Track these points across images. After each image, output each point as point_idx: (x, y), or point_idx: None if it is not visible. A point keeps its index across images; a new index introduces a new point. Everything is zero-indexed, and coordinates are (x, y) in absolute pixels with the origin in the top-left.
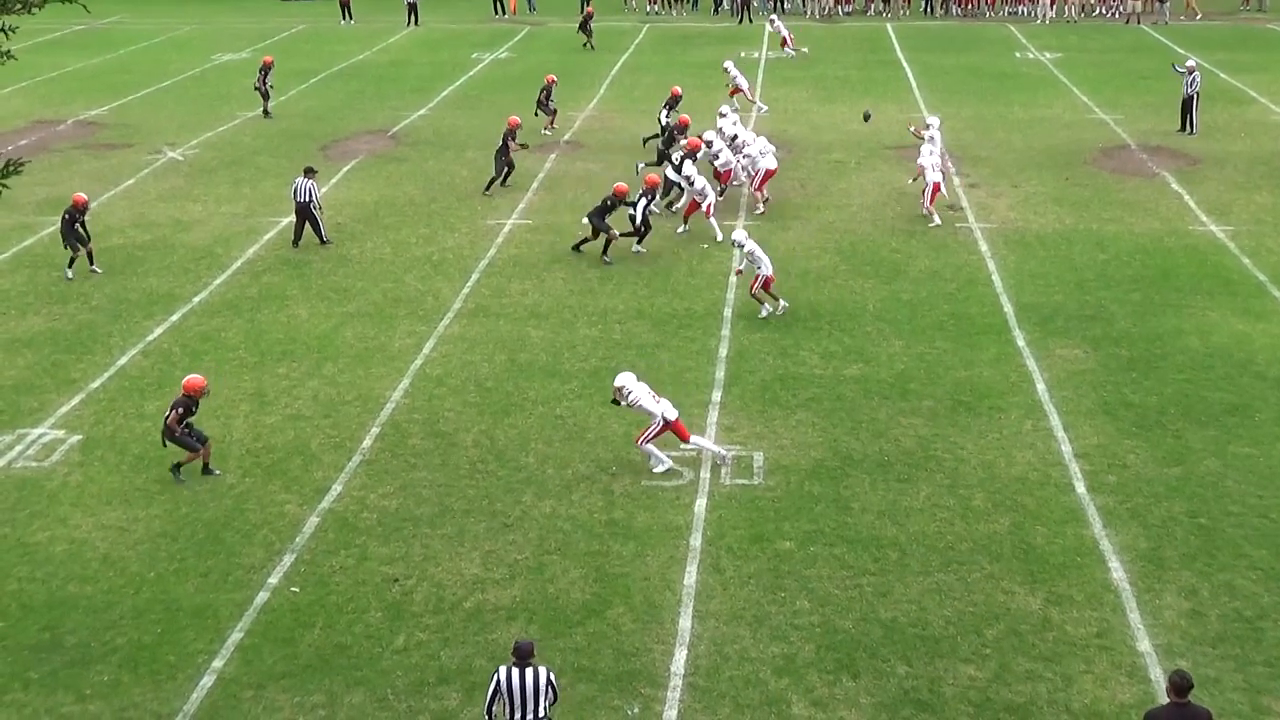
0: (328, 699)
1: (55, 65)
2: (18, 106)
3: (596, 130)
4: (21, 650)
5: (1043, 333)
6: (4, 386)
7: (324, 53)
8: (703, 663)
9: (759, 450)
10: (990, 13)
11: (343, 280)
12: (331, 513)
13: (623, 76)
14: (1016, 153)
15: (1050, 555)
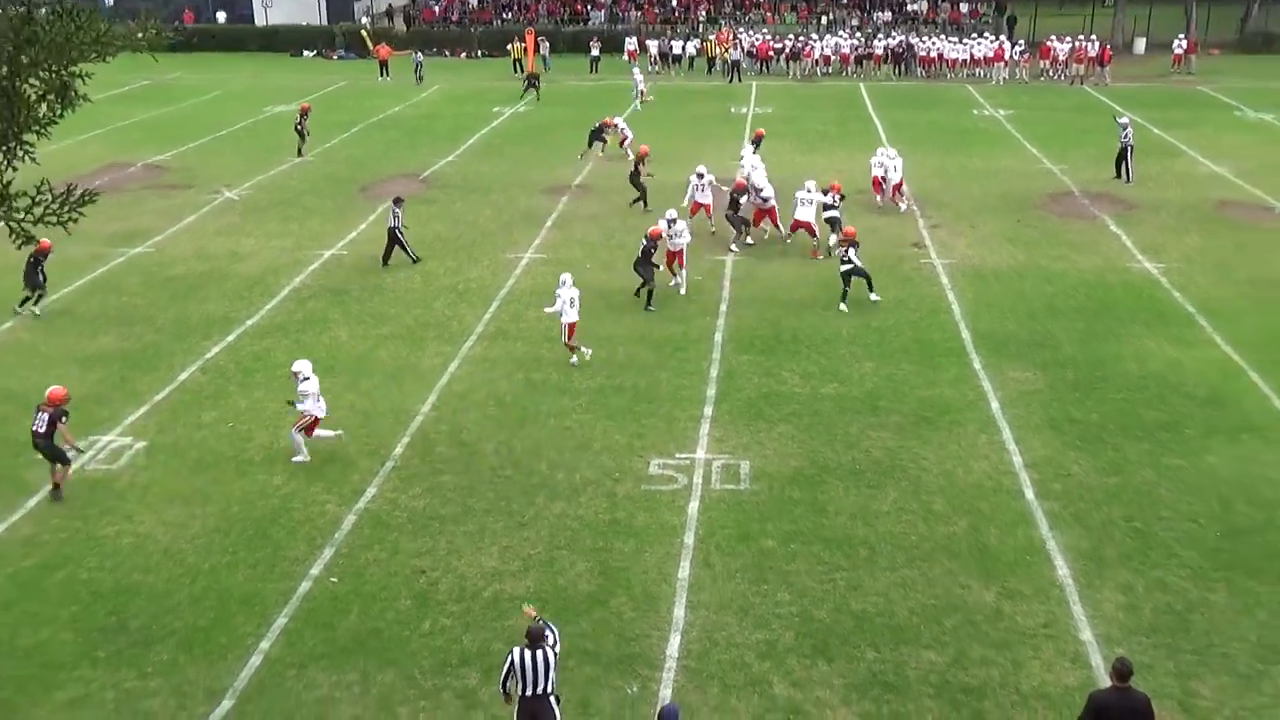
0: (362, 677)
1: (126, 115)
2: (94, 151)
3: (603, 176)
4: (90, 631)
5: (997, 357)
6: (79, 398)
7: (363, 106)
8: (694, 647)
9: (745, 459)
10: (951, 75)
11: (378, 306)
12: (367, 512)
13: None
14: (974, 198)
15: (1002, 554)
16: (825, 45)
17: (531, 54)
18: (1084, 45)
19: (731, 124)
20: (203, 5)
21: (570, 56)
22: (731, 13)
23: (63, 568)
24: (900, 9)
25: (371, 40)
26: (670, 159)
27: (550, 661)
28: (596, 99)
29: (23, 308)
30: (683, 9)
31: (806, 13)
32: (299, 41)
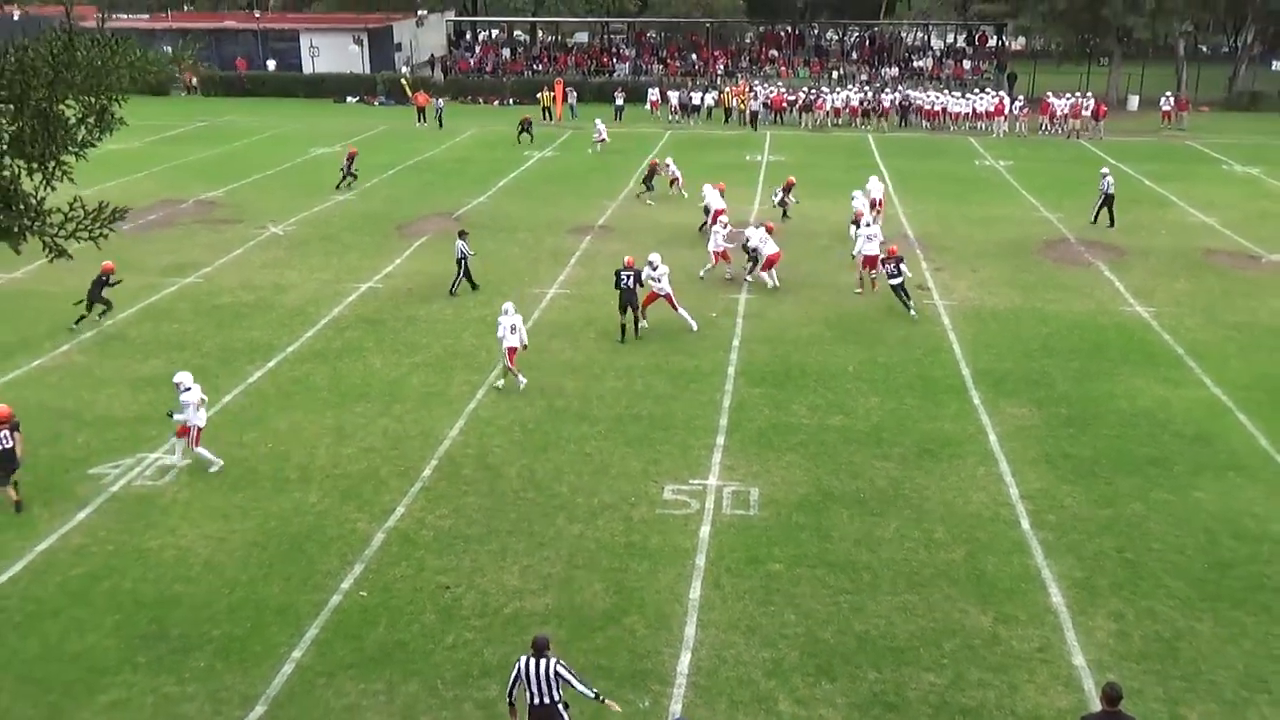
0: (388, 687)
1: (180, 155)
2: (148, 188)
3: (625, 217)
4: (133, 638)
5: (995, 393)
6: (128, 418)
7: (401, 149)
8: (704, 665)
9: (755, 486)
10: (954, 127)
11: (411, 336)
12: (396, 530)
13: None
14: (975, 243)
15: (999, 581)
16: (836, 98)
17: (560, 102)
18: (1080, 101)
19: (747, 170)
20: (254, 54)
21: (596, 105)
22: (748, 67)
23: (109, 577)
24: (907, 65)
25: (410, 88)
26: (689, 203)
27: (555, 671)
28: (620, 145)
29: (79, 325)
30: (702, 62)
31: (819, 67)
32: (343, 89)
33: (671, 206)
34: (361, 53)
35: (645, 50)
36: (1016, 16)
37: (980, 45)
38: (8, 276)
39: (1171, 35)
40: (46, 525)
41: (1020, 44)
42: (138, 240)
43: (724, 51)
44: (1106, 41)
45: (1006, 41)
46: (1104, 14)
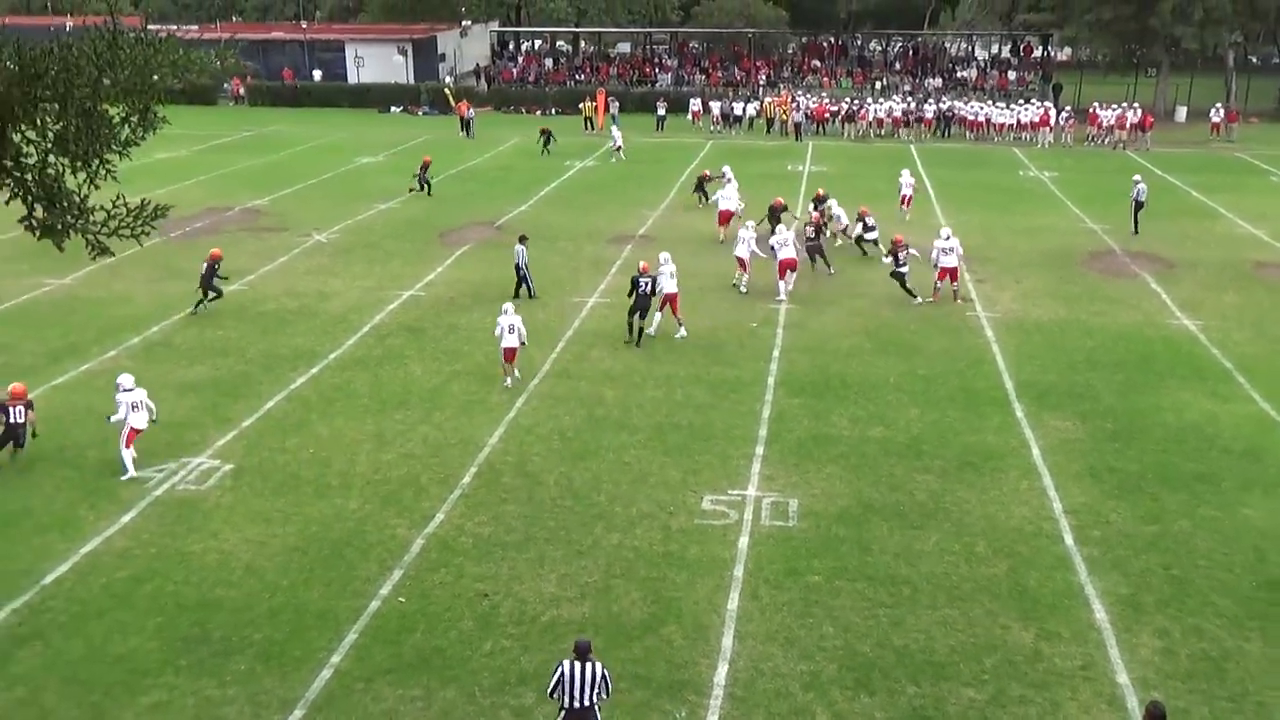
0: (425, 693)
1: (227, 163)
2: (196, 196)
3: (665, 226)
4: (175, 641)
5: (1038, 406)
6: (173, 423)
7: (444, 158)
8: (741, 676)
9: (794, 497)
10: (998, 138)
11: (452, 344)
12: (435, 536)
13: (689, 183)
14: (1019, 254)
15: (1042, 596)
16: (879, 108)
17: (601, 113)
18: (1127, 113)
19: (789, 180)
20: (301, 64)
21: (638, 115)
22: (791, 77)
23: (151, 580)
24: (950, 75)
25: (454, 98)
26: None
27: (597, 676)
28: (662, 155)
29: (198, 309)
30: (744, 73)
31: (862, 78)
32: (387, 99)
33: (709, 216)
34: (406, 63)
35: (687, 61)
36: (1062, 27)
37: (1025, 56)
38: (57, 282)
39: (1221, 45)
40: (91, 528)
41: (1066, 54)
42: (184, 247)
43: (766, 62)
44: (1154, 52)
45: (1052, 52)
46: (1152, 24)
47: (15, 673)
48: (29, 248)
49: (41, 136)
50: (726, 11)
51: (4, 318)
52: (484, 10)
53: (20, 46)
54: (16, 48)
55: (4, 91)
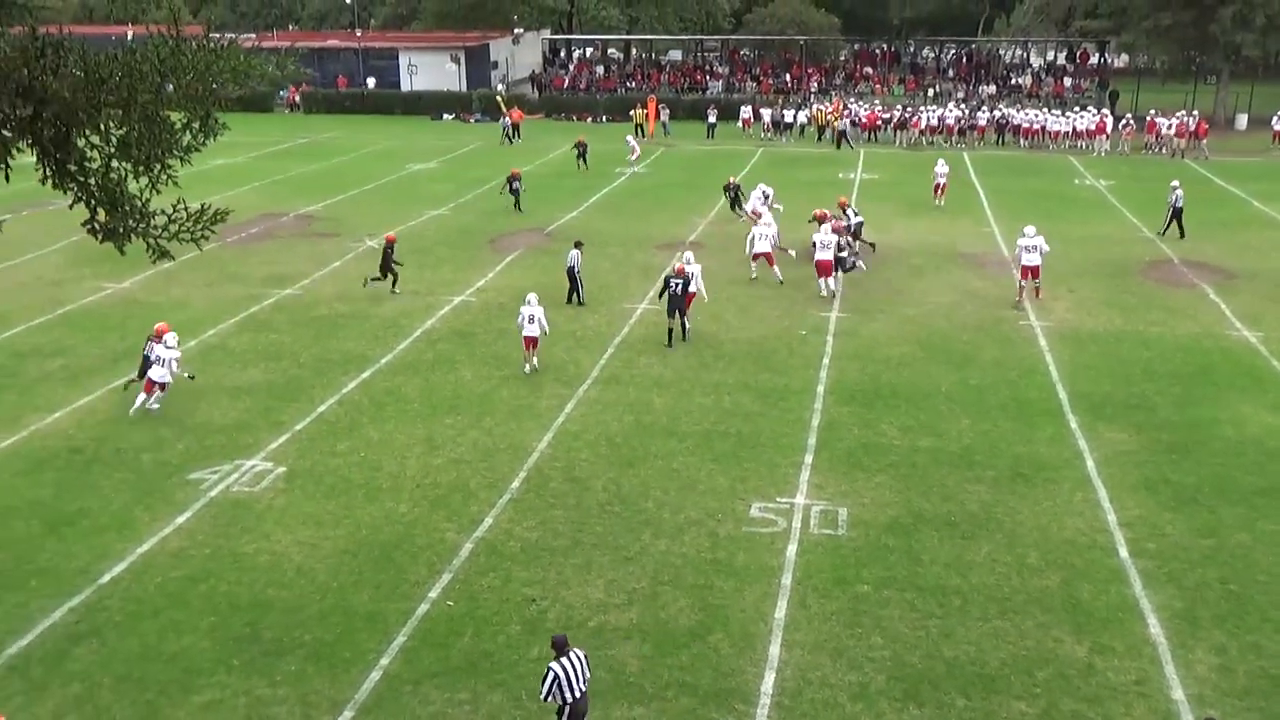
0: (472, 697)
1: (282, 170)
2: (251, 201)
3: (715, 233)
4: (227, 641)
5: (1093, 417)
6: (227, 425)
7: (495, 165)
8: (788, 685)
9: (844, 506)
10: (1053, 146)
11: (501, 350)
12: (483, 540)
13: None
14: (1074, 263)
15: (1095, 610)
16: (931, 115)
17: (652, 120)
18: (1185, 121)
19: (840, 188)
20: (355, 72)
21: (689, 123)
22: (842, 84)
23: (205, 580)
24: (1005, 82)
25: (505, 105)
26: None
27: (583, 661)
28: (712, 163)
29: (369, 285)
30: (795, 80)
31: (914, 85)
32: (439, 106)
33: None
34: (458, 70)
35: (738, 68)
36: (1120, 33)
37: (1082, 62)
38: (116, 286)
39: None
40: (147, 528)
41: (1123, 61)
42: (239, 252)
43: (818, 69)
44: (1214, 59)
45: (1109, 59)
46: (1212, 30)
47: (72, 670)
48: (89, 253)
49: (105, 142)
50: (779, 19)
51: (65, 321)
52: (536, 18)
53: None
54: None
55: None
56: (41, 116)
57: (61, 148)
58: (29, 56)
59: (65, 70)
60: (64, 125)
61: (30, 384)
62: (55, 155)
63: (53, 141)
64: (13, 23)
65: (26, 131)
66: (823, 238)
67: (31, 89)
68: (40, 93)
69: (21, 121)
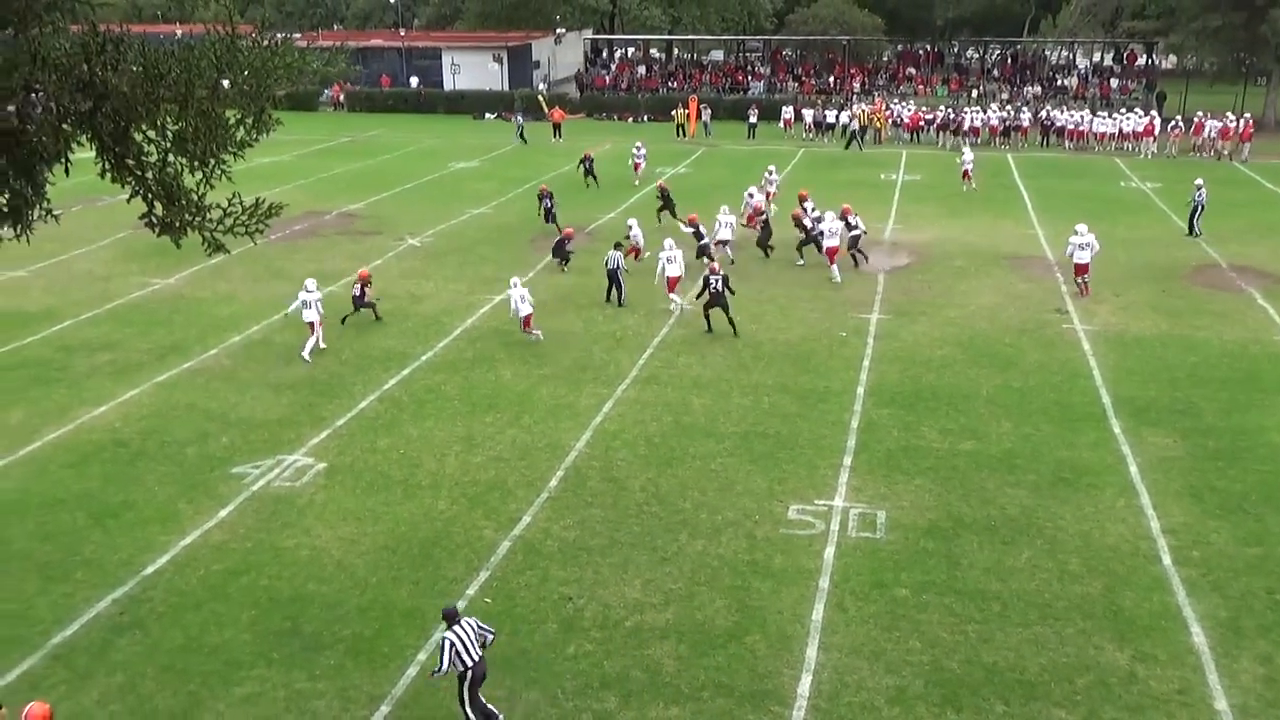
0: (508, 694)
1: (325, 168)
2: (295, 199)
3: (753, 232)
4: (267, 634)
5: (1137, 422)
6: (270, 421)
7: (536, 164)
8: (825, 688)
9: (882, 509)
10: (1099, 147)
11: (541, 348)
12: (521, 539)
13: (780, 191)
14: (1119, 266)
15: (1137, 617)
16: (975, 117)
17: (693, 120)
18: (1234, 123)
19: (880, 189)
20: (398, 71)
21: (730, 123)
22: (885, 85)
23: (247, 574)
24: (1050, 83)
25: (547, 104)
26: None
27: (476, 628)
28: (753, 163)
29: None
30: (838, 80)
31: (958, 85)
32: (482, 105)
33: None
34: (501, 70)
35: (780, 68)
36: (1168, 34)
37: (1129, 64)
38: (163, 282)
39: None
40: (190, 521)
41: (1171, 63)
42: (284, 249)
43: (860, 69)
44: (1264, 60)
45: (1157, 60)
46: (1262, 31)
47: (116, 660)
48: (138, 249)
49: (161, 136)
50: (821, 19)
51: (113, 316)
52: (578, 18)
53: (145, 47)
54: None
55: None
56: (101, 111)
57: (120, 142)
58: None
59: (124, 66)
60: (122, 120)
61: (79, 378)
62: (114, 149)
63: (111, 136)
64: (73, 19)
65: (86, 125)
66: (830, 225)
67: (91, 84)
68: (100, 88)
69: (81, 115)
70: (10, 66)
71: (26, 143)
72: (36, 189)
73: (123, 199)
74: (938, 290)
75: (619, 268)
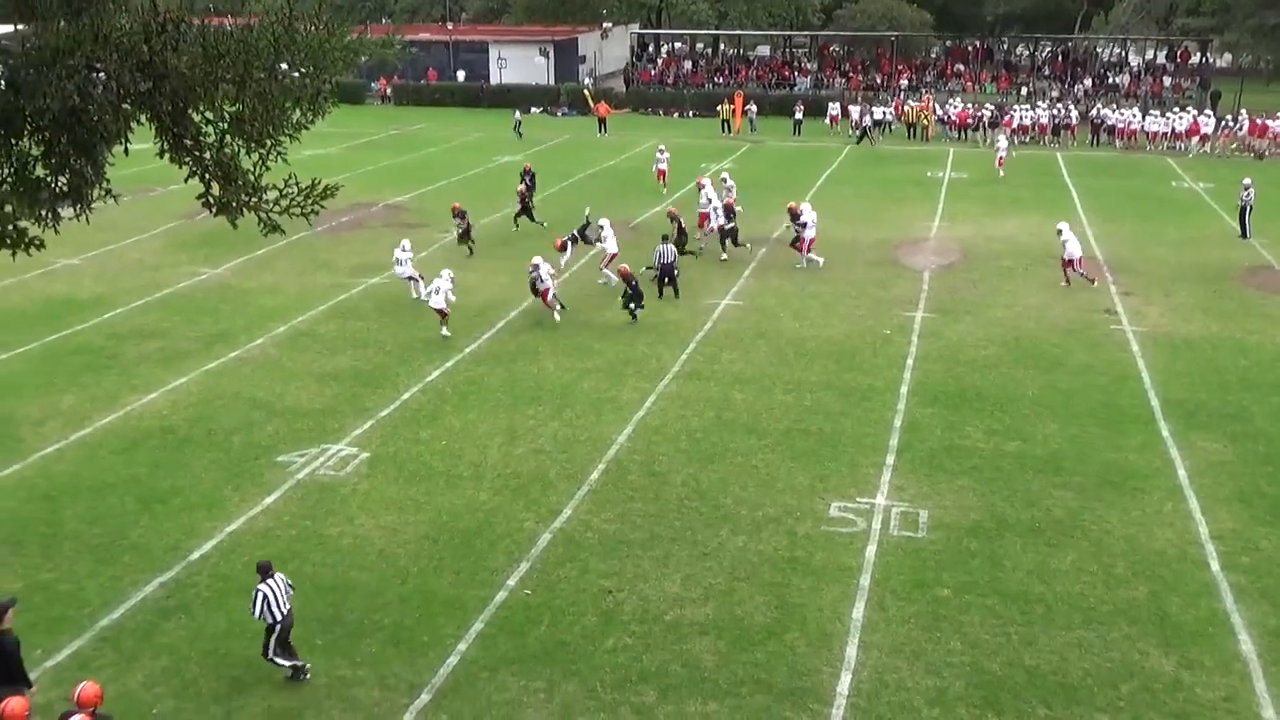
0: (547, 685)
1: (372, 161)
2: (342, 191)
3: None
4: (311, 621)
5: (1186, 426)
6: (314, 410)
7: (582, 158)
8: (864, 687)
9: (925, 508)
10: (1150, 146)
11: (584, 342)
12: (562, 531)
13: (826, 188)
14: (1169, 267)
15: (1184, 623)
16: (1024, 114)
17: (739, 116)
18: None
19: (926, 187)
20: (445, 65)
21: (775, 119)
22: (933, 81)
23: (291, 561)
24: (1102, 81)
25: (593, 99)
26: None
27: (285, 584)
28: (798, 160)
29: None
30: (885, 77)
31: (1007, 82)
32: (528, 99)
33: (844, 222)
34: (547, 64)
35: (827, 64)
36: (1223, 32)
37: (1182, 62)
38: (211, 271)
39: None
40: (237, 508)
41: (1226, 61)
42: (330, 241)
43: (908, 65)
44: None
45: (1211, 58)
46: None
47: (161, 643)
48: (187, 240)
49: (219, 117)
50: (869, 14)
51: (163, 304)
52: (625, 12)
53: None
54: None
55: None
56: (160, 91)
57: (179, 122)
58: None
59: (184, 46)
60: (181, 100)
61: (129, 365)
62: (172, 129)
63: (170, 115)
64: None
65: (145, 105)
66: (810, 217)
67: (151, 64)
68: (159, 68)
69: (141, 95)
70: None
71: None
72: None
73: (174, 190)
74: (983, 289)
75: (672, 262)
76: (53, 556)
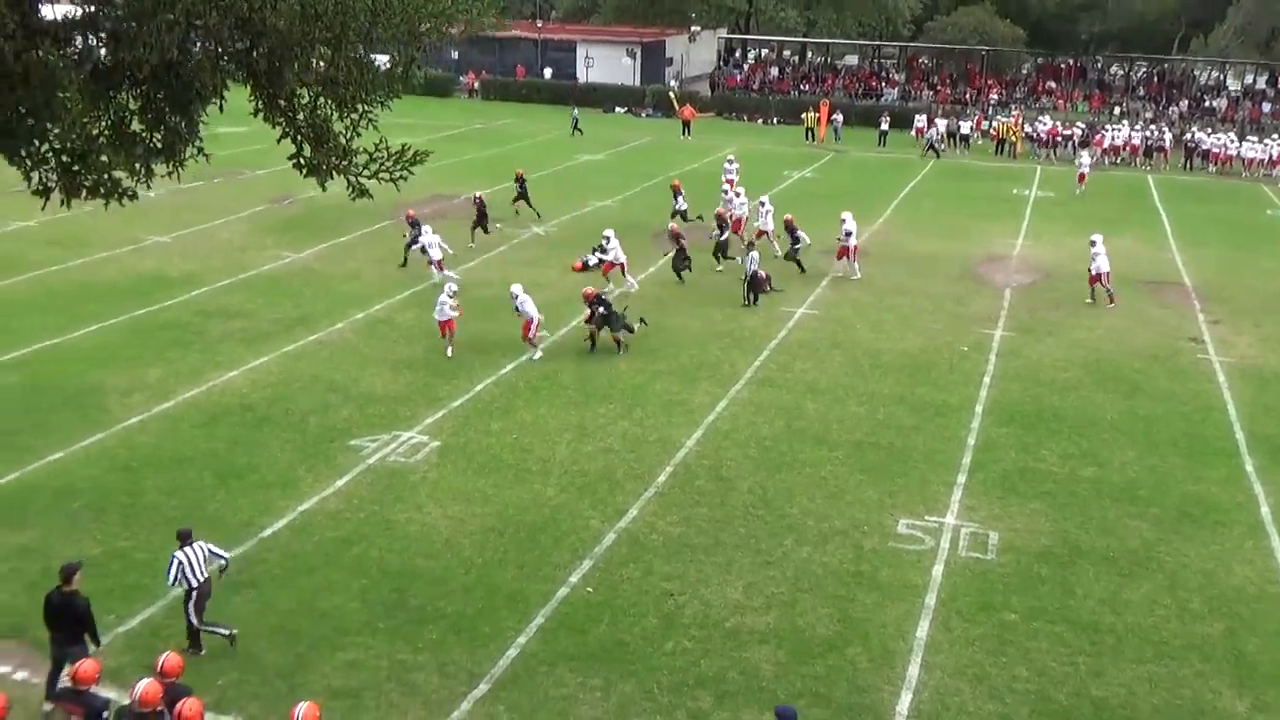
0: (604, 684)
1: (456, 154)
2: (424, 183)
3: (881, 242)
4: (376, 604)
5: (1272, 461)
6: (388, 397)
7: (665, 160)
8: (925, 708)
9: (995, 530)
10: (1246, 173)
11: (657, 344)
12: (626, 531)
13: (908, 200)
14: (1261, 296)
15: (1261, 664)
16: (1115, 134)
17: (824, 124)
18: None
19: (1011, 204)
20: (532, 62)
21: (861, 129)
22: (1023, 98)
23: (359, 544)
24: (1198, 104)
25: (678, 101)
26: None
27: (206, 551)
28: (881, 170)
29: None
30: (974, 91)
31: (1099, 102)
32: (613, 99)
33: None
34: (633, 65)
35: (915, 76)
36: None
37: None
38: (295, 256)
39: None
40: (309, 489)
41: None
42: None
43: (998, 81)
44: None
45: None
46: None
47: (230, 616)
48: (273, 224)
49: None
50: (960, 28)
51: (247, 285)
52: (714, 17)
53: None
54: None
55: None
56: (257, 49)
57: (274, 81)
58: None
59: (282, 6)
60: (277, 59)
61: (212, 342)
62: (267, 89)
63: (266, 75)
64: None
65: (242, 63)
66: (852, 225)
67: (249, 21)
68: (257, 25)
69: (238, 53)
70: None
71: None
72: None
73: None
74: (1066, 310)
75: (758, 270)
76: (131, 525)
